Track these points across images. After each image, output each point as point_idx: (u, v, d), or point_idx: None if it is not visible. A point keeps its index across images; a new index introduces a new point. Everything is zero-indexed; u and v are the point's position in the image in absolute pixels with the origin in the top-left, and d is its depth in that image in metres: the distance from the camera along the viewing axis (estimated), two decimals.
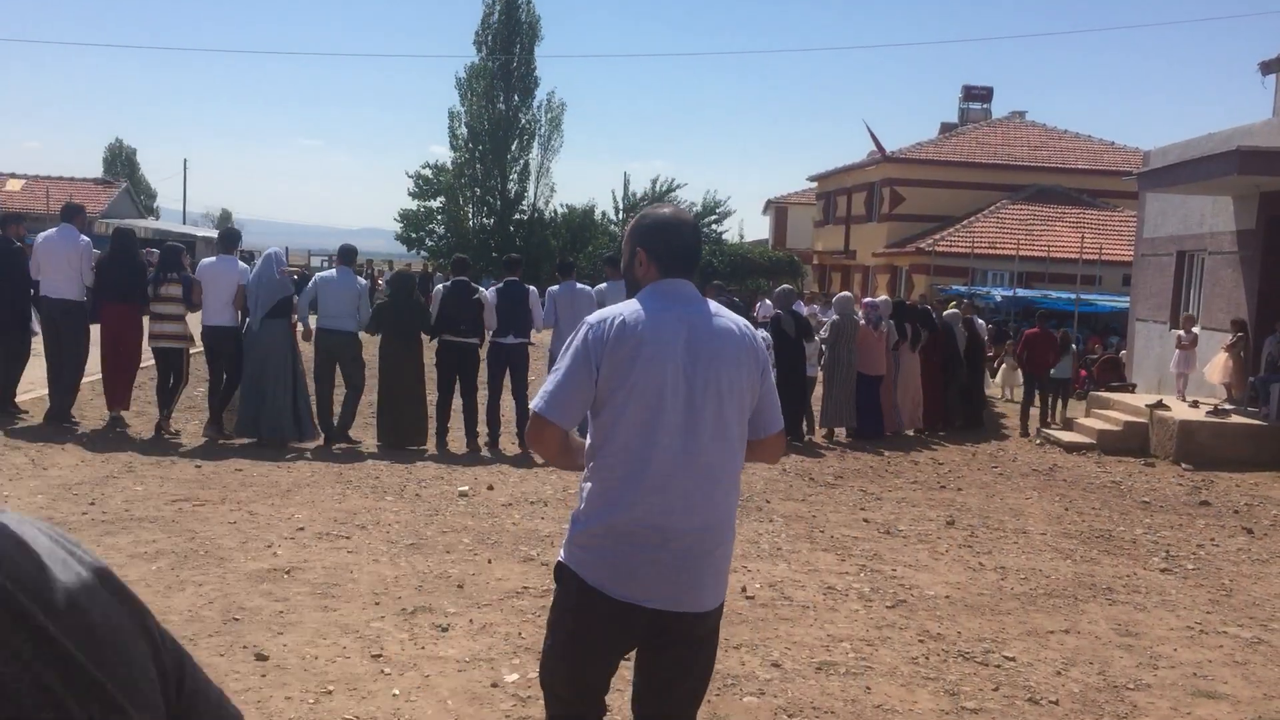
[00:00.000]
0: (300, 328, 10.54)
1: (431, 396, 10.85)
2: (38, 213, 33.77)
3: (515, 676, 4.82)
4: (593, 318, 2.87)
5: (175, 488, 8.23)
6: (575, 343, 2.84)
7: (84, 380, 10.75)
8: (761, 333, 12.42)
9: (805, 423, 12.84)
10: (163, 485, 8.29)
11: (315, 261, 41.31)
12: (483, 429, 10.85)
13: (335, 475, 9.07)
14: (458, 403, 10.81)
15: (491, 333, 10.82)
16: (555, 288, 11.46)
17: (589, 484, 2.89)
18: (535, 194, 43.54)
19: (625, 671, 3.08)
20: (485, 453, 10.60)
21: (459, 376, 10.78)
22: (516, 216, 43.00)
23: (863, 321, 13.30)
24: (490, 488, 8.94)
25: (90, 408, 10.98)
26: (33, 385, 11.10)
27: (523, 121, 42.81)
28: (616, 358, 2.78)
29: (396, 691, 4.60)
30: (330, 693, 4.55)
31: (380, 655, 5.01)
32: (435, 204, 43.57)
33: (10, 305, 10.40)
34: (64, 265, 10.12)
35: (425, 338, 10.88)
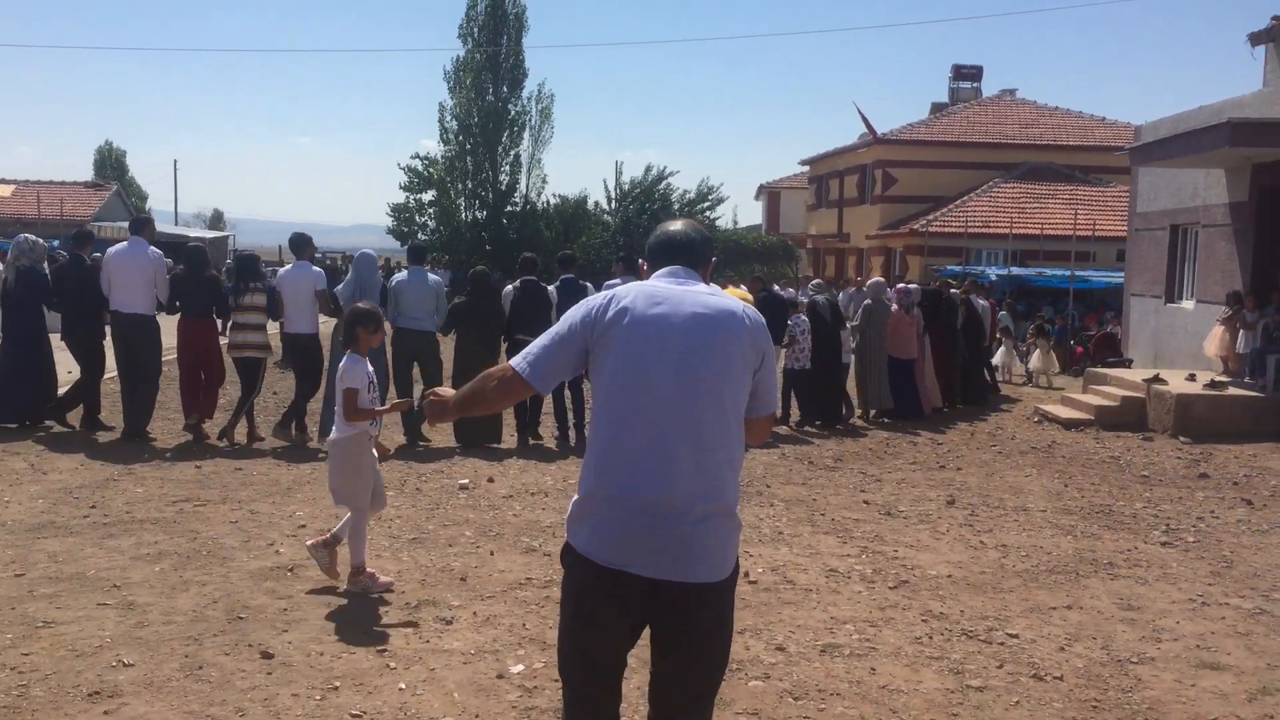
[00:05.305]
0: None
1: None
2: (29, 218, 33.68)
3: (520, 668, 4.83)
4: (593, 295, 3.02)
5: (176, 489, 8.23)
6: (570, 312, 2.98)
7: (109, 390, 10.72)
8: (801, 318, 12.59)
9: (844, 406, 13.01)
10: (163, 487, 8.29)
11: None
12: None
13: None
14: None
15: None
16: (614, 280, 11.38)
17: (586, 450, 2.96)
18: (527, 185, 43.39)
19: (632, 660, 3.07)
20: (555, 446, 10.76)
21: None
22: (509, 208, 42.83)
23: (895, 306, 13.39)
24: (490, 480, 8.94)
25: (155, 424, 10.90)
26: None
27: (512, 113, 42.53)
28: (605, 327, 2.88)
29: (403, 685, 4.61)
30: (336, 689, 4.56)
31: (385, 650, 5.01)
32: (426, 197, 43.38)
33: (86, 322, 10.44)
34: (136, 279, 10.02)
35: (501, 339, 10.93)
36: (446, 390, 3.28)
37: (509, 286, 11.12)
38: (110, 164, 71.99)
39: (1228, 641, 5.57)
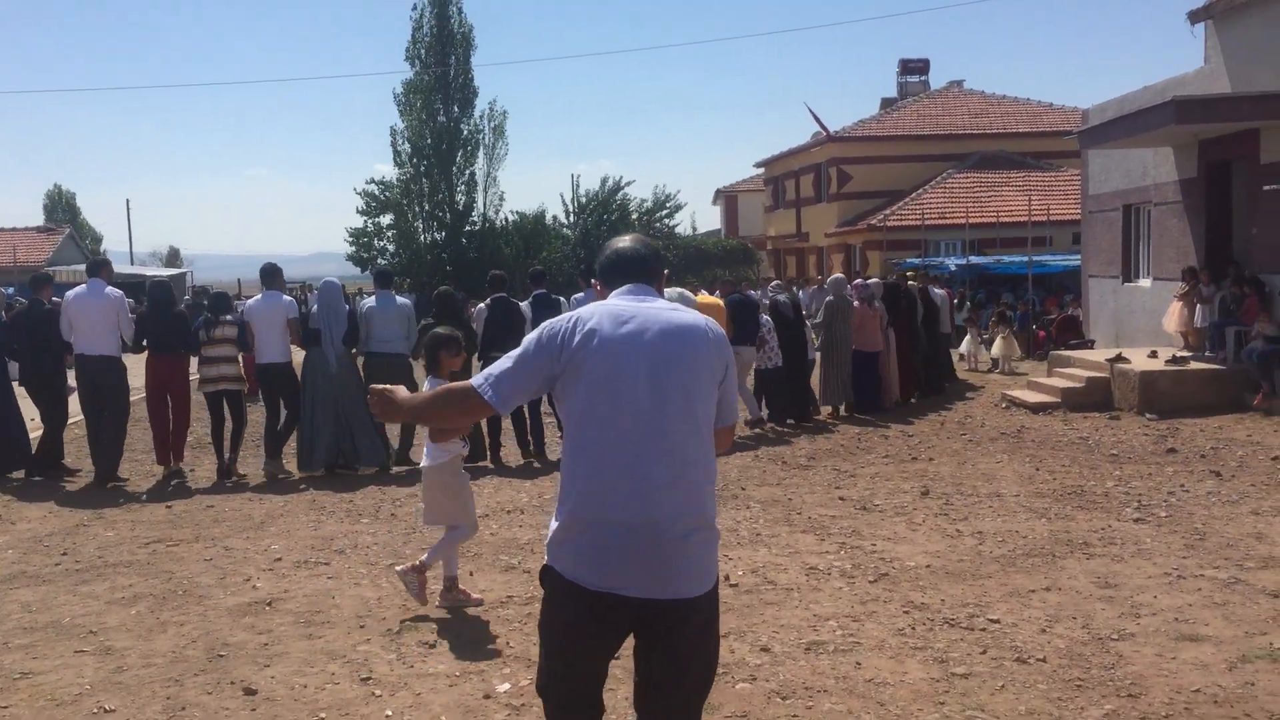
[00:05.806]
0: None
1: None
2: None
3: (507, 686, 4.82)
4: (555, 318, 2.99)
5: (147, 530, 8.15)
6: (532, 336, 2.95)
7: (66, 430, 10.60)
8: (764, 318, 12.72)
9: (810, 402, 13.16)
10: (134, 529, 8.20)
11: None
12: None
13: (308, 503, 9.00)
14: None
15: None
16: (580, 295, 11.33)
17: (561, 476, 2.94)
18: (485, 204, 43.32)
19: (618, 671, 3.07)
20: (536, 463, 10.68)
21: None
22: (467, 228, 42.72)
23: (856, 301, 13.50)
24: None
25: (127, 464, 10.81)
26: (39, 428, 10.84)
27: (465, 133, 42.44)
28: (572, 352, 2.86)
29: (389, 712, 4.58)
30: None
31: (370, 678, 4.98)
32: (385, 221, 43.22)
33: (48, 367, 10.31)
34: (97, 320, 9.89)
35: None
36: (401, 390, 3.23)
37: (480, 305, 11.09)
38: (61, 207, 71.23)
39: (1205, 613, 5.63)
